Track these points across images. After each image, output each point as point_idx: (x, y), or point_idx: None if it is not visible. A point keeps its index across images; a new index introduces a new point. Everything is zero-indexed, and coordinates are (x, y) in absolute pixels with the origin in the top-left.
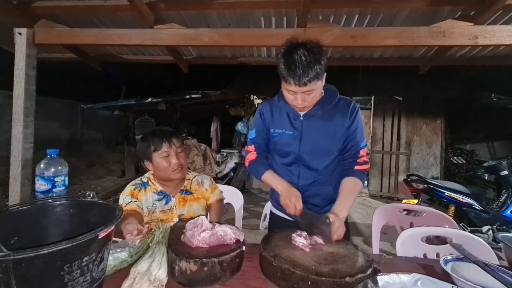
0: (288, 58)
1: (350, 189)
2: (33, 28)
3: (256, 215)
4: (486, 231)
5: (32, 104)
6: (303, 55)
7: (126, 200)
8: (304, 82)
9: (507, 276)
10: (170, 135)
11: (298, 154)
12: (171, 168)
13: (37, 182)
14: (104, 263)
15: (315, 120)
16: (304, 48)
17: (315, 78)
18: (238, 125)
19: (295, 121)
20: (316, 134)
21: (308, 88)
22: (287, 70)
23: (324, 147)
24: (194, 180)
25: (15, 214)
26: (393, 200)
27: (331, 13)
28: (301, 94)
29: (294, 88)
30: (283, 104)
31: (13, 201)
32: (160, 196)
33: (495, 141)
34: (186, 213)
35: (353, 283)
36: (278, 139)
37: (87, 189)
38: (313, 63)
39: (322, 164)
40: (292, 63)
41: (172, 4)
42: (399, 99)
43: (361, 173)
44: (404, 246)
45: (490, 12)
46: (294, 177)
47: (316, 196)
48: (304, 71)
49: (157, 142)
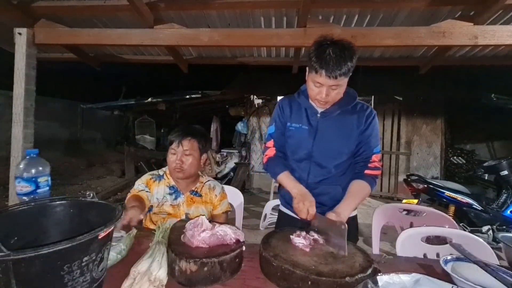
0: (323, 50)
1: (356, 191)
2: (33, 28)
3: (256, 215)
4: (486, 231)
5: (32, 104)
6: (338, 50)
7: (140, 187)
8: (335, 75)
9: (507, 276)
10: (184, 136)
11: (311, 150)
12: (172, 166)
13: (18, 185)
14: (104, 263)
15: (332, 119)
16: (338, 44)
17: (345, 73)
18: (238, 125)
19: (312, 117)
20: (330, 133)
21: (336, 82)
22: (320, 61)
23: (337, 146)
24: (206, 184)
25: (15, 214)
26: (393, 200)
27: (331, 13)
28: (327, 88)
29: (323, 80)
30: (302, 100)
31: (13, 201)
32: (171, 191)
33: (495, 141)
34: (192, 213)
35: (353, 283)
36: (293, 133)
37: (87, 189)
38: (346, 59)
39: (332, 163)
40: (327, 55)
41: (172, 4)
42: (399, 99)
43: (371, 178)
44: (404, 246)
45: (490, 12)
46: (304, 174)
47: (325, 195)
48: (337, 64)
49: (173, 137)
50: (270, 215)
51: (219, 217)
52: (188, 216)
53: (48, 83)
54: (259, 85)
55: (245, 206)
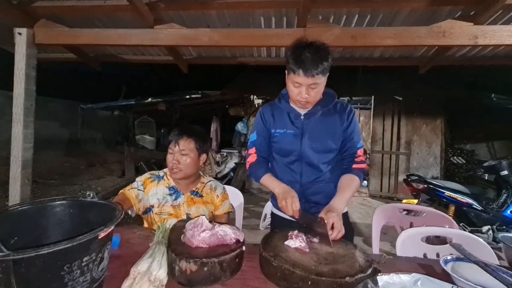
0: (298, 52)
1: (346, 184)
2: (33, 28)
3: (256, 215)
4: (486, 231)
5: (32, 104)
6: (313, 51)
7: (135, 185)
8: (313, 74)
9: (507, 276)
10: (181, 135)
11: (300, 151)
12: (169, 166)
13: None
14: (104, 263)
15: (315, 119)
16: (313, 46)
17: (322, 72)
18: (237, 125)
19: (296, 120)
20: (316, 131)
21: (314, 80)
22: (297, 63)
23: (324, 145)
24: (207, 185)
25: (15, 214)
26: (393, 200)
27: (331, 13)
28: (306, 87)
29: (302, 79)
30: (284, 105)
31: (13, 201)
32: (171, 191)
33: (495, 141)
34: (192, 213)
35: (353, 283)
36: (280, 139)
37: (87, 189)
38: (321, 59)
39: (322, 160)
40: (303, 56)
41: (172, 4)
42: (399, 99)
43: (359, 171)
44: (404, 246)
45: (490, 12)
46: (297, 175)
47: (319, 193)
48: (313, 63)
49: (171, 136)
50: (270, 215)
51: (220, 218)
52: (189, 216)
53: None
54: (259, 85)
55: (245, 206)
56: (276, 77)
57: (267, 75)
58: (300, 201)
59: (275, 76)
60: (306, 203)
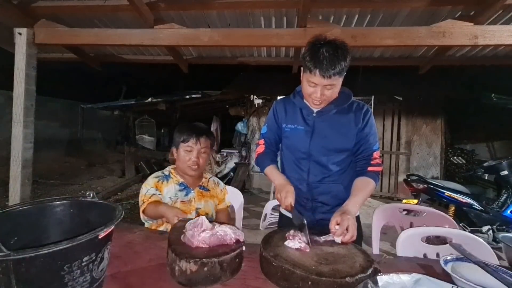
0: (316, 50)
1: (361, 187)
2: (33, 28)
3: (256, 215)
4: (486, 231)
5: (32, 104)
6: (331, 50)
7: (150, 191)
8: (329, 74)
9: (507, 276)
10: (201, 133)
11: (308, 149)
12: (188, 163)
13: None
14: (104, 263)
15: (328, 117)
16: (332, 44)
17: (339, 73)
18: (238, 125)
19: (308, 117)
20: (327, 130)
21: (331, 81)
22: (314, 61)
23: (334, 144)
24: (211, 180)
25: (15, 214)
26: (393, 200)
27: (331, 13)
28: (321, 87)
29: (318, 79)
30: (298, 101)
31: (13, 201)
32: (181, 187)
33: (495, 141)
34: (202, 207)
35: (353, 283)
36: (290, 134)
37: (87, 189)
38: (340, 58)
39: (331, 160)
40: (321, 55)
41: (172, 4)
42: (399, 99)
43: (374, 173)
44: (404, 246)
45: (490, 12)
46: (304, 173)
47: (326, 193)
48: (331, 64)
49: (187, 134)
50: (270, 215)
51: (223, 211)
52: (199, 211)
53: (48, 83)
54: (259, 85)
55: (245, 206)
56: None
57: (267, 75)
58: (307, 200)
59: (276, 76)
60: (314, 202)
